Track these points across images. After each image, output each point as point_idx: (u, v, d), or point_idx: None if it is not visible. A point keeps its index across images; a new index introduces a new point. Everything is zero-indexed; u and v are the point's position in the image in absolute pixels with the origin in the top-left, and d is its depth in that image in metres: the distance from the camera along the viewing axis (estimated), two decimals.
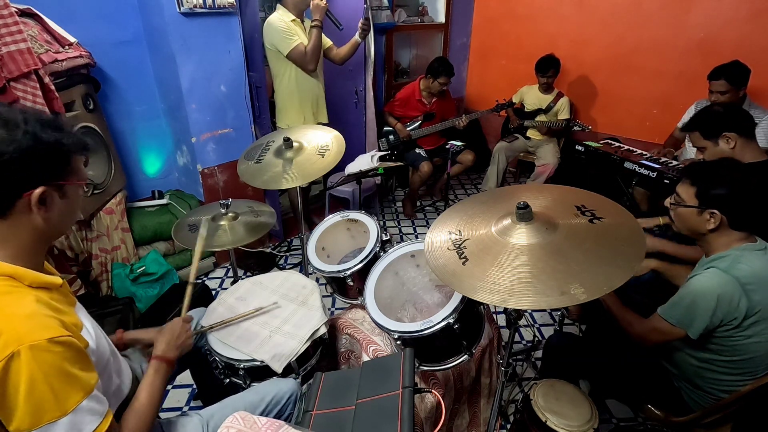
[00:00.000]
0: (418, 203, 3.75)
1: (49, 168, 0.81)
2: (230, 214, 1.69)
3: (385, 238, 1.60)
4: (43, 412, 0.72)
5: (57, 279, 0.87)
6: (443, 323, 1.20)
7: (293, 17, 2.48)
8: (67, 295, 0.91)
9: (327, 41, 2.71)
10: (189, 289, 1.29)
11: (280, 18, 2.44)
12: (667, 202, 1.37)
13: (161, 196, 2.65)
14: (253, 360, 1.27)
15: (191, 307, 1.48)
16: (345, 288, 1.60)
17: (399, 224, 3.49)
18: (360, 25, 2.59)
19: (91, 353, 0.85)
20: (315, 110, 2.71)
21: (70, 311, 0.86)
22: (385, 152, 3.35)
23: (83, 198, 0.94)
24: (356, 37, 2.64)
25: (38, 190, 0.79)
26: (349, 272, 1.51)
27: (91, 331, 0.89)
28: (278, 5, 2.54)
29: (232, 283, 1.67)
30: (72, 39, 2.08)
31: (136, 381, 1.05)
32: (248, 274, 2.74)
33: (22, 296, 0.78)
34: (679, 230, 1.35)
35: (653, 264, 1.61)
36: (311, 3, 2.41)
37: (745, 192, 1.19)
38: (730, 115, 1.67)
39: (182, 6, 2.19)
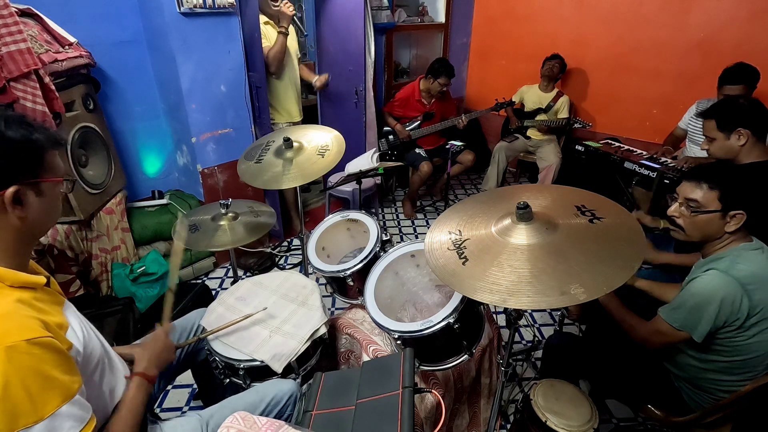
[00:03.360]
0: (418, 203, 3.75)
1: (20, 166, 0.78)
2: (230, 214, 1.69)
3: (385, 238, 1.60)
4: (18, 417, 0.69)
5: (41, 278, 0.85)
6: (443, 323, 1.20)
7: (266, 20, 2.61)
8: (54, 295, 0.89)
9: (303, 68, 2.98)
10: (169, 297, 1.25)
11: None
12: (677, 211, 1.30)
13: (161, 196, 2.65)
14: (253, 360, 1.27)
15: (190, 308, 1.48)
16: (345, 288, 1.60)
17: (399, 224, 3.49)
18: (321, 79, 2.94)
19: (77, 355, 0.82)
20: (290, 109, 2.86)
21: (56, 311, 0.84)
22: (385, 152, 3.37)
23: (73, 195, 0.92)
24: (314, 81, 2.94)
25: (11, 190, 0.77)
26: (349, 272, 1.51)
27: (78, 331, 0.86)
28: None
29: (232, 283, 1.68)
30: (72, 39, 2.08)
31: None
32: (248, 274, 2.74)
33: (1, 297, 0.76)
34: (690, 238, 1.29)
35: (643, 285, 1.59)
36: (280, 9, 2.51)
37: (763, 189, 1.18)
38: (752, 113, 1.64)
39: (182, 6, 2.19)
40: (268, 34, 2.61)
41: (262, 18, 2.59)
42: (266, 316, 1.41)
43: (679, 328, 1.23)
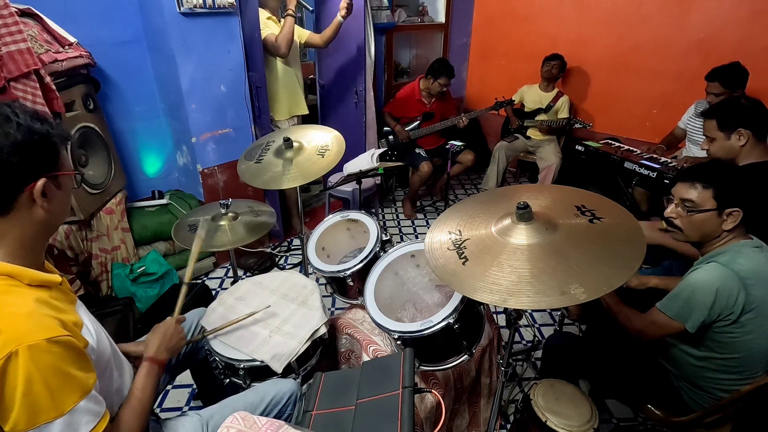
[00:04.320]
0: (418, 203, 3.75)
1: (45, 159, 0.81)
2: (230, 214, 1.69)
3: (385, 238, 1.60)
4: (39, 413, 0.72)
5: (56, 277, 0.87)
6: (443, 323, 1.20)
7: (269, 15, 2.61)
8: (68, 294, 0.91)
9: (304, 32, 2.83)
10: (183, 290, 1.27)
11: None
12: (673, 212, 1.31)
13: (161, 196, 2.65)
14: (253, 360, 1.27)
15: (190, 307, 1.48)
16: (345, 288, 1.60)
17: (399, 224, 3.49)
18: (345, 4, 2.62)
19: (91, 352, 0.84)
20: (293, 102, 2.84)
21: (71, 310, 0.86)
22: (384, 150, 3.37)
23: (73, 195, 0.95)
24: (338, 17, 2.69)
25: (40, 182, 0.80)
26: (349, 272, 1.51)
27: (91, 329, 0.89)
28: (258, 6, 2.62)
29: (232, 283, 1.68)
30: (72, 39, 2.08)
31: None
32: (248, 274, 2.74)
33: (21, 295, 0.77)
34: (689, 238, 1.30)
35: (653, 281, 1.59)
36: None
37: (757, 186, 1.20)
38: (753, 113, 1.64)
39: (182, 6, 2.19)
40: (270, 26, 2.59)
41: (264, 14, 2.58)
42: (266, 316, 1.41)
43: (674, 318, 1.24)
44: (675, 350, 1.35)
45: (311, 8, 2.73)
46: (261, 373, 1.30)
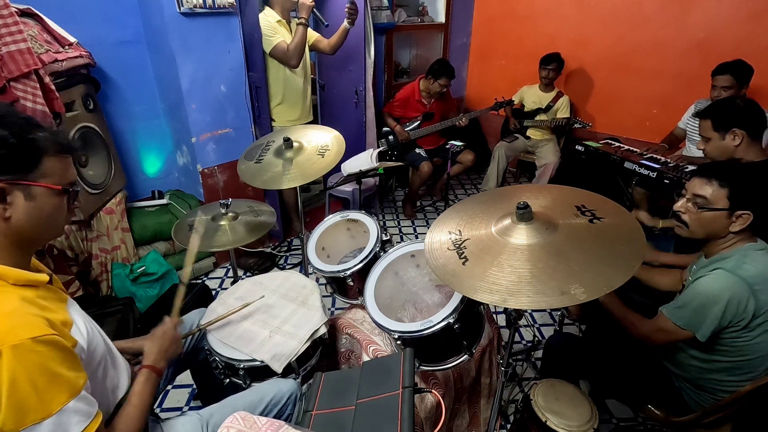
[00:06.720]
0: (418, 203, 3.75)
1: (7, 165, 0.77)
2: (230, 214, 1.69)
3: (385, 238, 1.60)
4: (26, 413, 0.70)
5: (43, 276, 0.86)
6: (443, 323, 1.20)
7: (279, 18, 2.54)
8: (57, 292, 0.90)
9: (313, 34, 2.74)
10: (181, 291, 1.27)
11: (265, 18, 2.50)
12: (683, 206, 1.29)
13: (161, 196, 2.65)
14: (253, 360, 1.27)
15: (190, 308, 1.48)
16: (345, 288, 1.60)
17: (399, 224, 3.49)
18: (346, 10, 2.55)
19: (81, 352, 0.83)
20: (302, 110, 2.79)
21: (60, 308, 0.85)
22: (384, 149, 3.36)
23: (76, 202, 0.88)
24: (345, 23, 2.63)
25: None
26: (349, 272, 1.51)
27: (82, 328, 0.87)
28: (265, 6, 2.58)
29: (232, 283, 1.68)
30: (72, 39, 2.08)
31: (133, 378, 1.04)
32: (248, 274, 2.74)
33: (5, 295, 0.77)
34: (693, 235, 1.29)
35: (663, 258, 1.63)
36: (298, 1, 2.42)
37: None
38: (747, 113, 1.65)
39: (182, 6, 2.19)
40: (281, 32, 2.53)
41: (274, 16, 2.52)
42: (266, 316, 1.41)
43: (683, 327, 1.23)
44: (680, 352, 1.34)
45: (326, 23, 2.57)
46: (261, 373, 1.30)
